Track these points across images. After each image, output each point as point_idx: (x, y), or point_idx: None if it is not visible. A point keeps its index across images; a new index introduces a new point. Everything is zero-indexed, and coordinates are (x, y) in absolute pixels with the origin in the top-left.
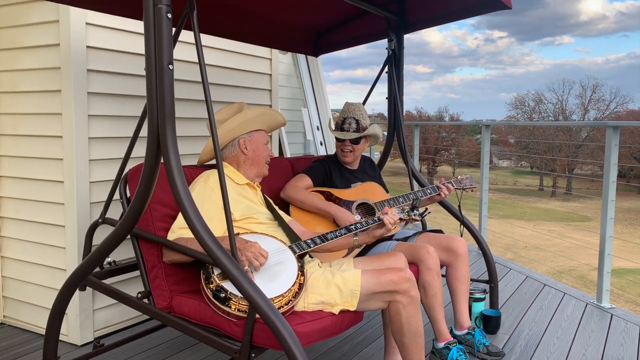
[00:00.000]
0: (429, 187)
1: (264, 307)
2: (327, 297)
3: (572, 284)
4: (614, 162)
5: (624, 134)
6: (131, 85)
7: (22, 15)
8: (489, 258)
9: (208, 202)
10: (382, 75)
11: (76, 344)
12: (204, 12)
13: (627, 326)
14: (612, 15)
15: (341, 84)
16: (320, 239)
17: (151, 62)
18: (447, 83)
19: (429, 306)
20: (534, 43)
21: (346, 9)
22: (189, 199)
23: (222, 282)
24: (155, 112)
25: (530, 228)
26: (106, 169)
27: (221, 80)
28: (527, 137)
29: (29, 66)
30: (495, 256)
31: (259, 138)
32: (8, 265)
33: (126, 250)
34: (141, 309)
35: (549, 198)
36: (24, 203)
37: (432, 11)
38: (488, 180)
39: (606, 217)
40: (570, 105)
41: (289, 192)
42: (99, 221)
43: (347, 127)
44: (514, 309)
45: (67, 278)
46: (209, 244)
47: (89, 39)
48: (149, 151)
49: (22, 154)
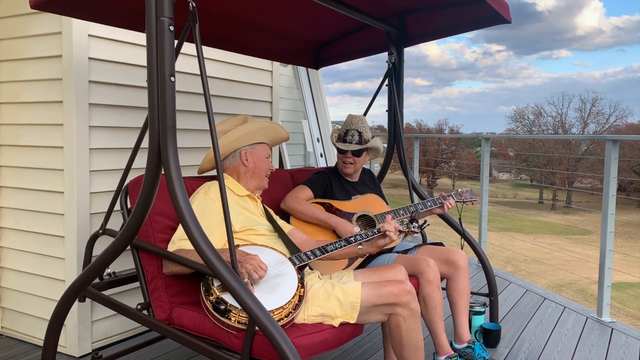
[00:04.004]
0: (429, 200)
1: (264, 319)
2: (327, 310)
3: (573, 298)
4: (613, 176)
5: (624, 148)
6: (133, 97)
7: (25, 26)
8: (489, 271)
9: (208, 213)
10: (382, 87)
11: (74, 356)
12: (206, 25)
13: (627, 340)
14: (609, 30)
15: (341, 96)
16: (320, 250)
17: (153, 73)
18: (446, 96)
19: (429, 319)
20: (532, 57)
21: (347, 23)
22: (189, 210)
23: (222, 294)
24: (157, 123)
25: (530, 241)
26: (106, 179)
27: (222, 92)
28: (526, 150)
29: (31, 77)
30: (495, 269)
31: (260, 151)
32: (7, 276)
33: (126, 261)
34: (141, 320)
35: (548, 211)
36: (24, 213)
37: (433, 25)
38: (488, 193)
39: (606, 230)
40: (570, 119)
41: (290, 203)
42: (99, 232)
43: (350, 139)
44: (514, 322)
45: (66, 289)
46: (209, 256)
47: (91, 50)
48: (150, 162)
49: (23, 164)
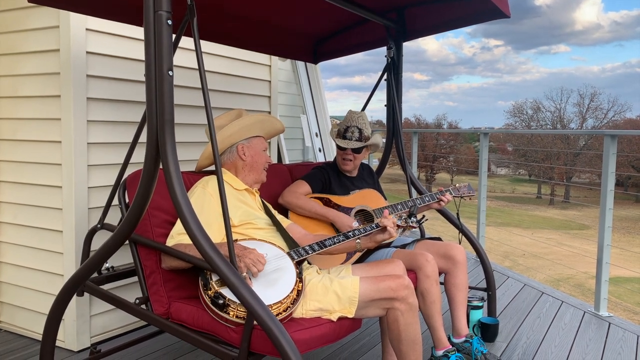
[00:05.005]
0: (427, 195)
1: (262, 314)
2: (325, 304)
3: (570, 292)
4: (611, 171)
5: (622, 143)
6: (131, 91)
7: (22, 20)
8: (487, 266)
9: (207, 208)
10: (381, 82)
11: (73, 350)
12: (204, 19)
13: (624, 335)
14: (607, 25)
15: (339, 91)
16: (318, 245)
17: (151, 68)
18: (444, 91)
19: (427, 314)
20: (530, 52)
21: (346, 17)
22: (188, 205)
23: (221, 288)
24: (155, 117)
25: (528, 236)
26: (104, 174)
27: (220, 87)
28: (525, 145)
29: (28, 71)
30: (493, 264)
31: (257, 144)
32: (5, 270)
33: (124, 255)
34: (139, 314)
35: (547, 206)
36: (22, 208)
37: (432, 19)
38: (486, 188)
39: (604, 225)
40: (568, 114)
41: (288, 198)
42: (97, 226)
43: (350, 136)
44: (512, 317)
45: (65, 283)
46: (207, 251)
47: (89, 44)
48: (148, 157)
49: (21, 158)
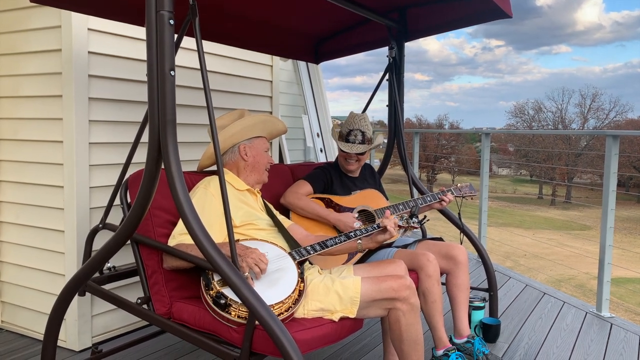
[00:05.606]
0: (428, 195)
1: (264, 314)
2: (326, 304)
3: (572, 293)
4: (613, 171)
5: (624, 143)
6: (132, 91)
7: (24, 20)
8: (489, 266)
9: (208, 208)
10: (383, 82)
11: (74, 350)
12: (205, 19)
13: (626, 335)
14: (608, 25)
15: (340, 91)
16: (320, 245)
17: (153, 68)
18: (445, 91)
19: (428, 314)
20: (532, 52)
21: (347, 17)
22: (189, 205)
23: (222, 288)
24: (157, 117)
25: (530, 236)
26: (106, 174)
27: (222, 87)
28: (526, 146)
29: (30, 71)
30: (494, 264)
31: (259, 145)
32: (7, 270)
33: (126, 255)
34: (140, 314)
35: (548, 206)
36: (24, 208)
37: (433, 19)
38: (488, 188)
39: (606, 226)
40: (570, 114)
41: (289, 199)
42: (99, 226)
43: (353, 139)
44: (514, 317)
45: (66, 283)
46: (209, 250)
47: (91, 44)
48: (150, 157)
49: (23, 158)
